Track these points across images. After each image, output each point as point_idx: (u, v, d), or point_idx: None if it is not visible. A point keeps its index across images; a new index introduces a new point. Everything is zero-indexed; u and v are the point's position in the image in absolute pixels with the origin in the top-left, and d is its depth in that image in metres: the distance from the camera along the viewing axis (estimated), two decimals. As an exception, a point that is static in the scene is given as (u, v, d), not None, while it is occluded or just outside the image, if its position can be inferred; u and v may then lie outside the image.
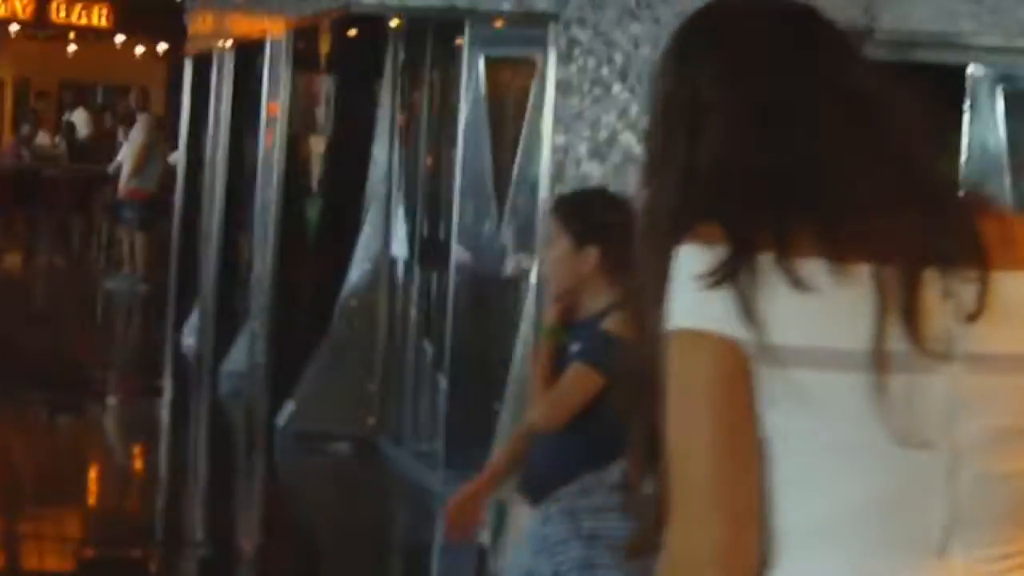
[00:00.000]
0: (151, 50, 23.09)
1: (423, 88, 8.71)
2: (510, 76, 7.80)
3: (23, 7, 22.75)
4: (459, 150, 7.71)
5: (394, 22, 8.58)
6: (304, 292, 9.41)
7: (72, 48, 23.72)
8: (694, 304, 1.59)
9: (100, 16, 23.22)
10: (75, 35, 23.50)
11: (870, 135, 1.66)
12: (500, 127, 7.77)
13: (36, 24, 23.00)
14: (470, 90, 7.65)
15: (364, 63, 9.05)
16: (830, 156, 1.64)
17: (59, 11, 23.04)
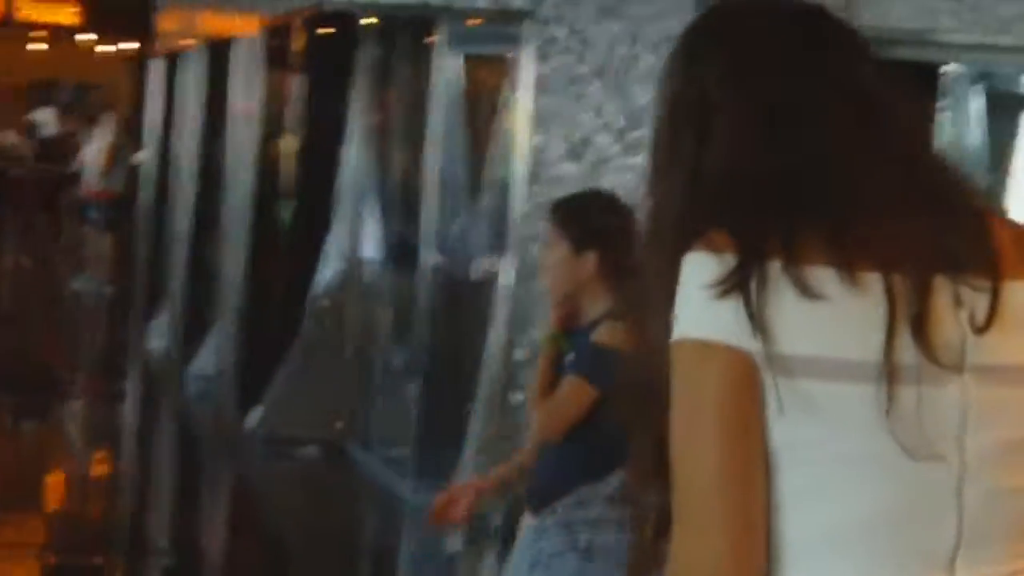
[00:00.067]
0: (119, 49, 23.00)
1: (395, 87, 8.68)
2: (484, 75, 7.77)
3: (-11, 5, 22.67)
4: (432, 150, 7.68)
5: (367, 20, 8.54)
6: (274, 294, 9.37)
7: (39, 47, 23.62)
8: (702, 314, 1.58)
9: (68, 14, 23.13)
10: (42, 33, 23.40)
11: (879, 136, 1.65)
12: (474, 127, 7.72)
13: (3, 22, 22.90)
14: (443, 89, 7.61)
15: (336, 62, 9.00)
16: (838, 156, 1.63)
17: (26, 9, 22.93)
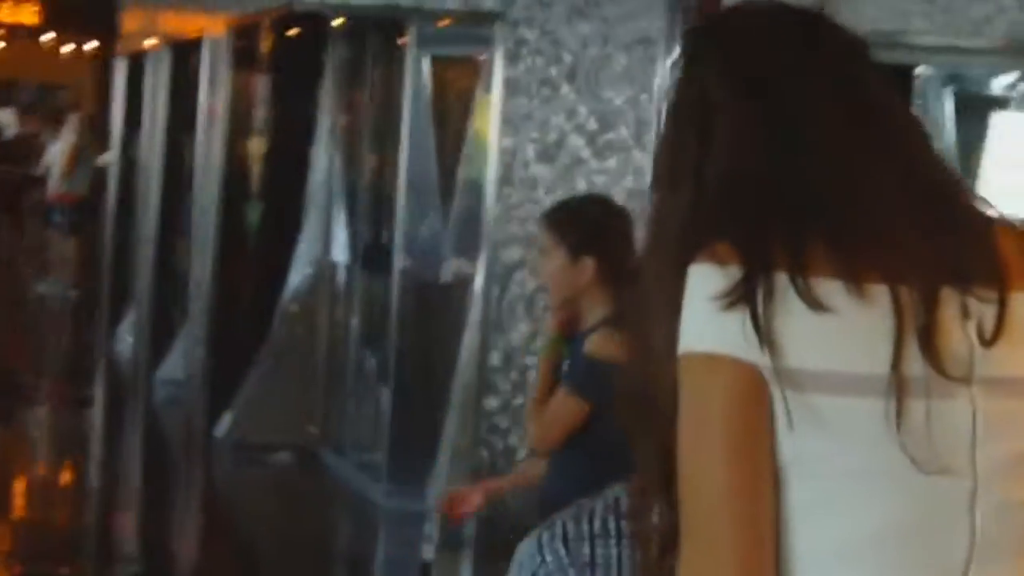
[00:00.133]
0: (82, 48, 22.86)
1: (365, 88, 8.63)
2: (455, 76, 7.72)
3: (-51, 5, 22.50)
4: (402, 152, 7.64)
5: (336, 21, 8.48)
6: (243, 297, 9.30)
7: (0, 45, 23.47)
8: (708, 327, 1.56)
9: (29, 13, 22.97)
10: (3, 32, 23.23)
11: (879, 136, 1.64)
12: (445, 128, 7.68)
13: (-37, 21, 22.75)
14: (414, 91, 7.57)
15: (305, 63, 8.93)
16: (839, 157, 1.62)
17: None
